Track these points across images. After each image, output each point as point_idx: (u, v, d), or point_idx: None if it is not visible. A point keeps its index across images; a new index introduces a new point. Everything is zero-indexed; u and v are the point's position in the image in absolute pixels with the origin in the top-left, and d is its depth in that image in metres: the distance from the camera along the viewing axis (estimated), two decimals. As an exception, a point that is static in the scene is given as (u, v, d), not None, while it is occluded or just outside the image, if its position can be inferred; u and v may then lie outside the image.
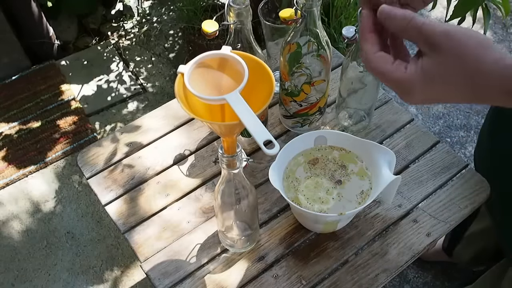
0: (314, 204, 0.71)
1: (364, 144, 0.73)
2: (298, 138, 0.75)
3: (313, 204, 0.71)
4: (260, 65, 0.58)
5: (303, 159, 0.76)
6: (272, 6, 0.85)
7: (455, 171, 0.84)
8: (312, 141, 0.76)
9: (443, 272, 1.34)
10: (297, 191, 0.73)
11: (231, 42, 0.73)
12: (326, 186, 0.73)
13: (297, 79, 0.77)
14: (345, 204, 0.71)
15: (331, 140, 0.76)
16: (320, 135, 0.76)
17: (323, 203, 0.71)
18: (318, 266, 0.74)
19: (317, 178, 0.74)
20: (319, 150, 0.76)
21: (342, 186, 0.73)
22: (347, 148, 0.76)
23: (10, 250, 1.42)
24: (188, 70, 0.55)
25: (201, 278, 0.73)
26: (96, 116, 1.73)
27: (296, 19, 0.72)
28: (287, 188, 0.73)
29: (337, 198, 0.72)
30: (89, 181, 0.86)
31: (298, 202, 0.71)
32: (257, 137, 0.51)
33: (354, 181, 0.73)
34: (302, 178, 0.74)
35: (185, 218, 0.80)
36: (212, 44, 1.65)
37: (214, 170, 0.86)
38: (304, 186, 0.73)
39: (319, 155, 0.76)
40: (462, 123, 1.68)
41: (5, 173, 1.57)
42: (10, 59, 1.80)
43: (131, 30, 2.02)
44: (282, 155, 0.73)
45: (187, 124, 0.93)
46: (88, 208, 1.50)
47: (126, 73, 1.85)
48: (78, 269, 1.38)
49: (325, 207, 0.71)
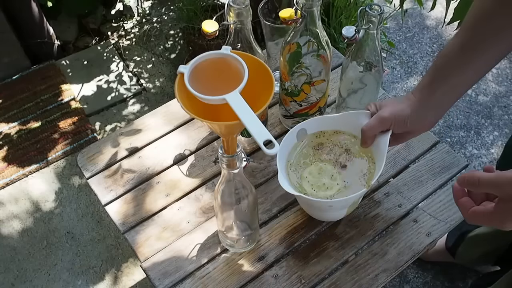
0: (318, 191, 0.71)
1: (346, 118, 0.73)
2: (283, 141, 0.72)
3: (317, 191, 0.71)
4: (260, 65, 0.58)
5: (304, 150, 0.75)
6: (272, 6, 0.85)
7: (455, 171, 0.84)
8: (294, 137, 0.75)
9: (443, 272, 1.33)
10: (301, 179, 0.72)
11: (231, 42, 0.73)
12: (330, 171, 0.72)
13: (297, 79, 0.77)
14: (350, 187, 0.70)
15: (311, 129, 0.75)
16: (301, 128, 0.74)
17: (328, 189, 0.71)
18: (318, 266, 0.74)
19: (320, 164, 0.73)
20: (317, 137, 0.76)
21: (346, 170, 0.72)
22: (339, 128, 0.75)
23: (10, 250, 1.42)
24: (188, 70, 0.55)
25: (201, 278, 0.73)
26: (96, 116, 1.73)
27: (296, 19, 0.72)
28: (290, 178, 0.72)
29: (342, 183, 0.71)
30: (89, 181, 0.86)
31: (303, 190, 0.71)
32: (257, 137, 0.51)
33: (357, 163, 0.73)
34: (305, 165, 0.73)
35: (185, 218, 0.80)
36: (212, 44, 1.65)
37: (214, 170, 0.86)
38: (308, 172, 0.72)
39: (319, 142, 0.75)
40: (462, 123, 1.68)
41: (5, 173, 1.57)
42: (10, 59, 1.79)
43: (131, 30, 2.02)
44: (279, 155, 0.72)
45: (187, 124, 0.93)
46: (88, 208, 1.50)
47: (126, 73, 1.85)
48: (78, 269, 1.38)
49: (330, 193, 0.70)
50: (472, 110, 1.72)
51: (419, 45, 1.93)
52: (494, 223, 0.51)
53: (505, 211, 0.49)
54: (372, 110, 0.70)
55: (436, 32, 1.97)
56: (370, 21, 0.70)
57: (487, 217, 0.51)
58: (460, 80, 0.63)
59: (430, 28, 1.99)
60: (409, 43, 1.94)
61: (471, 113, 1.72)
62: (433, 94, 0.64)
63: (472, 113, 1.72)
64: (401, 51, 1.91)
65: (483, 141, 1.63)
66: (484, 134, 1.65)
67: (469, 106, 1.73)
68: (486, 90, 1.78)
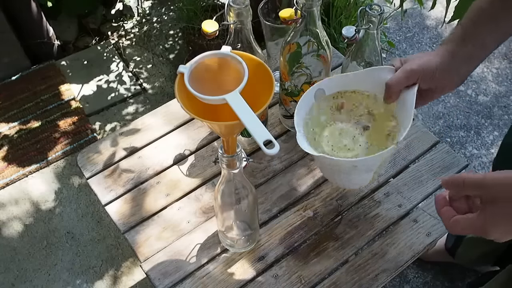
0: (339, 152, 0.67)
1: (368, 74, 0.68)
2: (300, 102, 0.68)
3: (338, 152, 0.67)
4: (260, 65, 0.58)
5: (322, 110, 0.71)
6: (272, 6, 0.85)
7: (455, 171, 0.84)
8: (312, 97, 0.70)
9: (443, 272, 1.33)
10: (320, 141, 0.67)
11: (231, 42, 0.73)
12: (351, 132, 0.68)
13: (297, 79, 0.77)
14: (374, 148, 0.66)
15: (329, 89, 0.70)
16: (319, 89, 0.70)
17: (349, 150, 0.66)
18: (318, 266, 0.74)
19: (341, 125, 0.69)
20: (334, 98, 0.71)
21: (368, 131, 0.68)
22: (359, 88, 0.70)
23: (10, 250, 1.42)
24: (188, 70, 0.55)
25: (201, 278, 0.73)
26: (96, 116, 1.73)
27: (296, 19, 0.72)
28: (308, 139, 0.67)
29: (365, 144, 0.67)
30: (89, 181, 0.86)
31: (323, 152, 0.67)
32: (257, 137, 0.51)
33: (380, 123, 0.68)
34: (323, 127, 0.69)
35: (185, 218, 0.80)
36: (212, 44, 1.65)
37: (214, 170, 0.86)
38: (327, 134, 0.68)
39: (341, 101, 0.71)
40: (462, 123, 1.68)
41: (5, 173, 1.57)
42: (10, 59, 1.79)
43: (131, 30, 2.02)
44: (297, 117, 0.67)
45: (187, 124, 0.93)
46: (88, 208, 1.50)
47: (126, 73, 1.85)
48: (78, 269, 1.38)
49: (352, 154, 0.66)
50: (472, 110, 1.72)
51: (419, 45, 1.93)
52: (477, 230, 0.48)
53: (487, 217, 0.47)
54: (397, 65, 0.65)
55: (436, 32, 1.97)
56: (370, 21, 0.70)
57: (469, 224, 0.49)
58: (492, 34, 0.61)
59: (430, 28, 1.99)
60: (409, 43, 1.94)
61: (471, 113, 1.72)
62: (465, 46, 0.62)
63: (472, 113, 1.72)
64: (401, 51, 1.91)
65: (483, 141, 1.63)
66: (484, 134, 1.65)
67: (469, 106, 1.73)
68: (486, 90, 1.78)
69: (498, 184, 0.46)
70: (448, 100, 1.75)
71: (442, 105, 1.74)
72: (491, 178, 0.46)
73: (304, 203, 0.81)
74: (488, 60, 1.88)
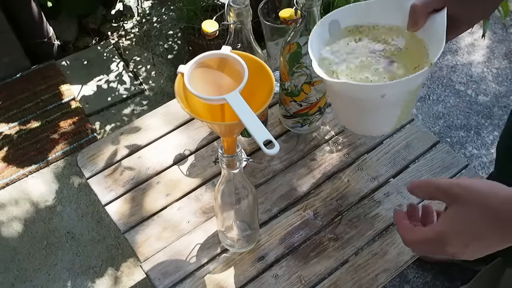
0: None
1: (389, 2, 0.60)
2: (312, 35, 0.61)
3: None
4: (260, 65, 0.58)
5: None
6: (272, 6, 0.85)
7: (455, 171, 0.84)
8: (326, 31, 0.63)
9: (443, 272, 1.33)
10: (338, 74, 0.59)
11: (231, 42, 0.73)
12: (374, 66, 0.59)
13: (297, 79, 0.77)
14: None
15: (345, 21, 0.63)
16: (332, 20, 0.63)
17: (373, 82, 0.57)
18: (318, 266, 0.74)
19: (362, 58, 0.60)
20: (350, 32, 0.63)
21: (392, 66, 0.59)
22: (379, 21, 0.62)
23: (10, 250, 1.42)
24: (188, 70, 0.55)
25: (201, 278, 0.73)
26: (96, 116, 1.73)
27: (296, 19, 0.72)
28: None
29: (389, 76, 0.57)
30: (89, 181, 0.86)
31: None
32: (257, 137, 0.51)
33: (406, 55, 0.60)
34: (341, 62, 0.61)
35: (185, 218, 0.80)
36: (212, 44, 1.65)
37: (214, 170, 0.86)
38: (345, 67, 0.59)
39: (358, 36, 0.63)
40: (462, 123, 1.68)
41: (5, 173, 1.57)
42: (10, 59, 1.79)
43: (131, 30, 2.02)
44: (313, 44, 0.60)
45: (187, 124, 0.93)
46: (88, 208, 1.50)
47: (126, 73, 1.85)
48: (78, 269, 1.38)
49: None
50: (472, 110, 1.72)
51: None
52: (434, 241, 0.45)
53: (447, 222, 0.45)
54: None
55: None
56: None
57: (427, 232, 0.46)
58: None
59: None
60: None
61: (471, 113, 1.72)
62: None
63: (472, 113, 1.72)
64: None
65: (483, 141, 1.63)
66: (484, 134, 1.65)
67: (469, 106, 1.73)
68: (486, 90, 1.78)
69: (464, 187, 0.44)
70: (448, 100, 1.76)
71: (442, 105, 1.74)
72: (457, 183, 0.45)
73: (304, 203, 0.81)
74: (488, 60, 1.88)
